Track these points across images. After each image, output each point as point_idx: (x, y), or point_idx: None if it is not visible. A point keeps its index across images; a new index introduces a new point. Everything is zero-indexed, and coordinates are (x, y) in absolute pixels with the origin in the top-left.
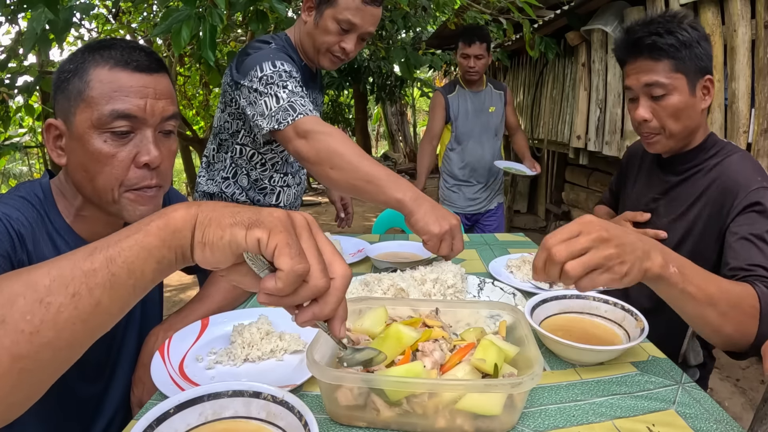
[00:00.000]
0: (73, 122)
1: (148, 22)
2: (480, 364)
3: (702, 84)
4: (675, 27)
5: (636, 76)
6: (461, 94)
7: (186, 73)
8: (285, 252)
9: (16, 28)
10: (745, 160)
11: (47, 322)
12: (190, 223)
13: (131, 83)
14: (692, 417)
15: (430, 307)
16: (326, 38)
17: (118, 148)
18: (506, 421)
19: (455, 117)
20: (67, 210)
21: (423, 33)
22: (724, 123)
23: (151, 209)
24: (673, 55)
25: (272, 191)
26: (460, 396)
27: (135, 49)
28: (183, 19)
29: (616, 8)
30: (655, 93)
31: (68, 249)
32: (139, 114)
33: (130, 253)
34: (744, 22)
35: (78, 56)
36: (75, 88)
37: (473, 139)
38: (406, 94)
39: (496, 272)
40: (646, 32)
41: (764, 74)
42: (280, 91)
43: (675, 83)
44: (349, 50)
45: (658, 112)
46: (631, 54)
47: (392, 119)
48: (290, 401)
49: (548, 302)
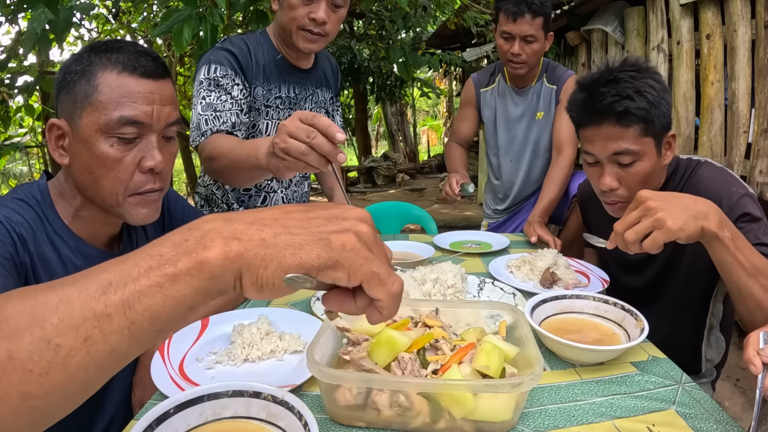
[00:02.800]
0: (79, 124)
1: (148, 22)
2: (484, 371)
3: (666, 141)
4: (643, 85)
5: (602, 144)
6: (501, 91)
7: (186, 73)
8: (375, 284)
9: (16, 28)
10: (713, 172)
11: (57, 366)
12: (233, 265)
13: (139, 89)
14: (692, 417)
15: (430, 307)
16: (293, 13)
17: (124, 153)
18: (506, 421)
19: (487, 121)
20: (65, 211)
21: (423, 33)
22: (724, 123)
23: (152, 212)
24: (643, 118)
25: (258, 194)
26: (471, 407)
27: (142, 54)
28: (184, 19)
29: (616, 8)
30: (623, 161)
31: (68, 249)
32: (146, 120)
33: (153, 301)
34: (744, 22)
35: (84, 58)
36: (82, 91)
37: (510, 157)
38: (406, 94)
39: (496, 272)
40: (616, 96)
41: (764, 74)
42: (198, 105)
43: (644, 149)
44: (320, 19)
45: (625, 180)
46: (594, 120)
47: (392, 119)
48: (290, 401)
49: (548, 302)
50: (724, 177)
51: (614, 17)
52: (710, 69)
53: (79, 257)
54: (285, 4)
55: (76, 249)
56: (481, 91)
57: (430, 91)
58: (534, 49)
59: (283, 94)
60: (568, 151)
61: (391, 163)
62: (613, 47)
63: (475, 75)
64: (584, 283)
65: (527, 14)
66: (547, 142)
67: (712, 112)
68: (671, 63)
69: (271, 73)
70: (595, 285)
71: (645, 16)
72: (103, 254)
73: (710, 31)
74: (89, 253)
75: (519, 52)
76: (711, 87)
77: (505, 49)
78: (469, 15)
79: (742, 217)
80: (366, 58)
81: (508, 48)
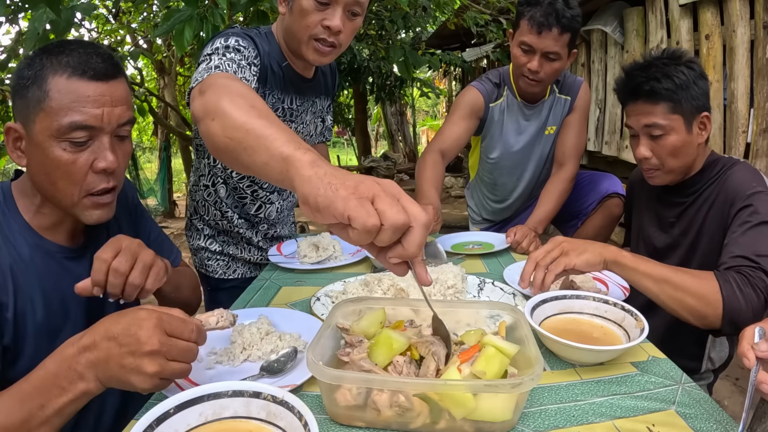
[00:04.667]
0: (33, 129)
1: (149, 22)
2: (480, 376)
3: (699, 121)
4: (672, 70)
5: (636, 118)
6: (510, 106)
7: (186, 73)
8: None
9: (17, 28)
10: (746, 170)
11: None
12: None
13: (89, 92)
14: (692, 417)
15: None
16: (305, 20)
17: (76, 156)
18: (506, 421)
19: (491, 137)
20: (26, 208)
21: (423, 33)
22: (723, 123)
23: (106, 212)
24: (670, 97)
25: (253, 202)
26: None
27: (92, 55)
28: (185, 19)
29: (615, 8)
30: (654, 133)
31: (27, 247)
32: (97, 123)
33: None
34: (743, 23)
35: (36, 62)
36: (34, 96)
37: (514, 176)
38: (405, 94)
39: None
40: (644, 77)
41: (763, 74)
42: (216, 58)
43: (672, 124)
44: (335, 27)
45: (657, 150)
46: (631, 97)
47: (392, 119)
48: (290, 401)
49: (548, 302)
50: (753, 175)
51: (614, 17)
52: (709, 69)
53: (39, 254)
54: (295, 8)
55: (36, 246)
56: (490, 106)
57: (430, 91)
58: (554, 68)
59: (285, 105)
60: (571, 167)
61: (390, 164)
62: (613, 47)
63: (481, 87)
64: (604, 291)
65: (555, 28)
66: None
67: (712, 112)
68: None
69: (278, 81)
70: (615, 292)
71: (644, 17)
72: (63, 249)
73: (709, 32)
74: (49, 249)
75: (538, 69)
76: (710, 87)
77: (522, 62)
78: (469, 15)
79: (744, 208)
80: (366, 58)
81: (525, 62)
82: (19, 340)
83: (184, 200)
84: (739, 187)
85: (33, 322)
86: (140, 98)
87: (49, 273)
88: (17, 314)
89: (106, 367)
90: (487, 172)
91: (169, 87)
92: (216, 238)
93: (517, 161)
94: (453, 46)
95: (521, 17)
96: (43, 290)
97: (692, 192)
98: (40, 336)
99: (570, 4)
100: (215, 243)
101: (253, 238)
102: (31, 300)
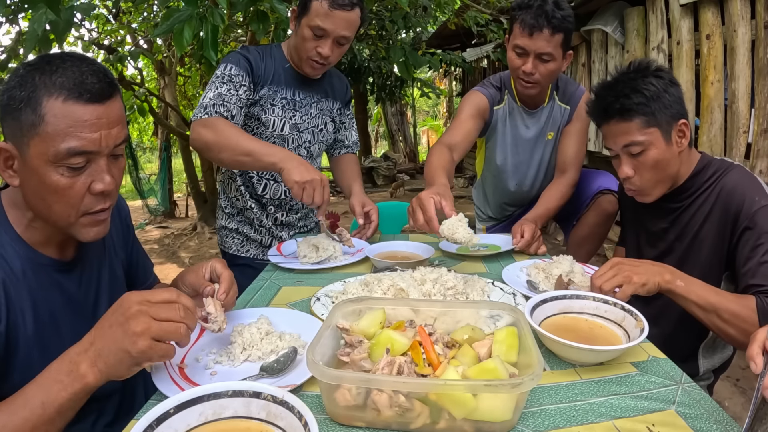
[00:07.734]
0: (27, 152)
1: (149, 22)
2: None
3: (677, 129)
4: (640, 83)
5: (613, 139)
6: (511, 110)
7: (186, 73)
8: None
9: (17, 29)
10: (743, 176)
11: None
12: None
13: (86, 117)
14: (692, 417)
15: (430, 307)
16: (304, 45)
17: (74, 180)
18: (506, 421)
19: (494, 140)
20: (18, 220)
21: (423, 33)
22: (724, 123)
23: (102, 229)
24: (643, 111)
25: (258, 181)
26: (471, 407)
27: (86, 73)
28: (185, 19)
29: (616, 8)
30: (633, 151)
31: (18, 259)
32: (95, 148)
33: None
34: (744, 23)
35: (28, 82)
36: (28, 120)
37: (515, 180)
38: (406, 94)
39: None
40: (613, 96)
41: (764, 74)
42: (210, 92)
43: (650, 138)
44: (325, 54)
45: (639, 167)
46: (603, 118)
47: (392, 119)
48: (290, 401)
49: (548, 302)
50: (752, 183)
51: (614, 17)
52: (710, 69)
53: (31, 268)
54: (299, 33)
55: (28, 259)
56: (494, 109)
57: (430, 91)
58: (549, 69)
59: (288, 96)
60: (572, 174)
61: (391, 164)
62: (613, 47)
63: (484, 90)
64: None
65: (546, 29)
66: (555, 162)
67: (712, 112)
68: (671, 63)
69: (278, 78)
70: None
71: (645, 17)
72: (55, 263)
73: (710, 32)
74: (41, 262)
75: (532, 70)
76: (711, 87)
77: (517, 65)
78: (469, 15)
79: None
80: (366, 58)
81: (520, 64)
82: (11, 353)
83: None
84: (741, 198)
85: (24, 336)
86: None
87: (39, 286)
88: (9, 328)
89: (101, 348)
90: (490, 173)
91: (169, 87)
92: (234, 218)
93: (518, 163)
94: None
95: (514, 21)
96: (34, 303)
97: (686, 197)
98: (30, 349)
99: (560, 5)
100: (233, 222)
101: (264, 221)
102: (22, 313)
